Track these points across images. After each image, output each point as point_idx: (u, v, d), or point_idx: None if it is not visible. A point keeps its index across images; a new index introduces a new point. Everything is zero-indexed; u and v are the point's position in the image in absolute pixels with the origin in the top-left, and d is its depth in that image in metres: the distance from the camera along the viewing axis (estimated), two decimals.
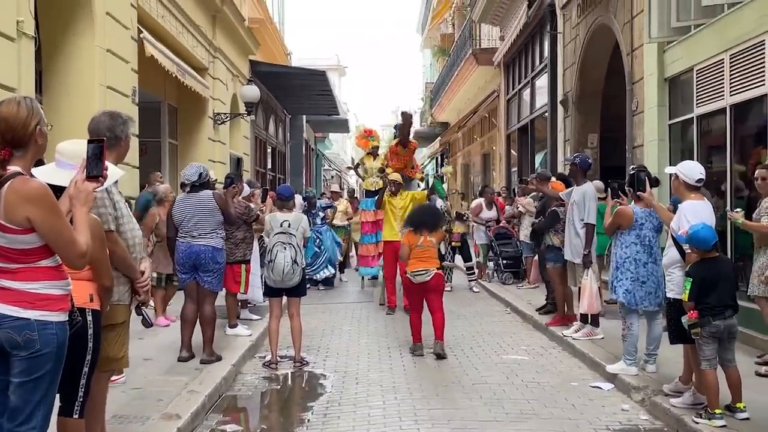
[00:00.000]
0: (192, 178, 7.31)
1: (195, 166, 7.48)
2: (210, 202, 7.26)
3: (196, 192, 7.29)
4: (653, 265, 6.56)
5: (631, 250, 6.62)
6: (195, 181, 7.30)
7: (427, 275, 7.93)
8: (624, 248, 6.66)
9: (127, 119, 4.25)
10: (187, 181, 7.38)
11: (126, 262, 4.02)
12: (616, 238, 6.79)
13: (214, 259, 7.20)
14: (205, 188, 7.39)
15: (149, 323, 4.27)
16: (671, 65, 10.06)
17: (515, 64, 20.82)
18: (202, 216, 7.21)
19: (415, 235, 8.10)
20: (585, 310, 8.11)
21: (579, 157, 8.69)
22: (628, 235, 6.64)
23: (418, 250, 8.02)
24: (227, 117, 15.64)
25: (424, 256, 8.00)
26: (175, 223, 7.29)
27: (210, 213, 7.24)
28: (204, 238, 7.18)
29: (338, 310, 11.37)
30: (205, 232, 7.19)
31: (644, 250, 6.59)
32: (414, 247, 8.03)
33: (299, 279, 7.30)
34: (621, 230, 6.70)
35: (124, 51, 10.04)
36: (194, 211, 7.21)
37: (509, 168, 21.82)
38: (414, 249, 8.02)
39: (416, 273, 7.95)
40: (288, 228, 7.34)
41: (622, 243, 6.68)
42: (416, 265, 7.97)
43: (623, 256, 6.65)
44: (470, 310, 11.29)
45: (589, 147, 14.26)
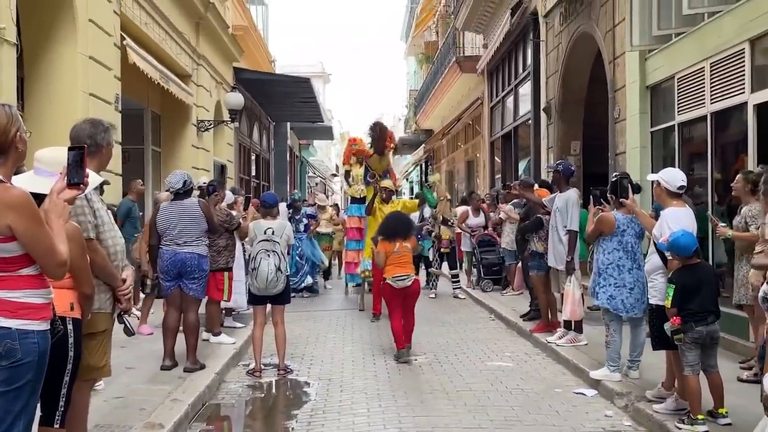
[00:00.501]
0: (176, 186, 7.28)
1: (179, 174, 7.45)
2: (195, 210, 7.24)
3: (180, 199, 7.26)
4: (638, 271, 6.60)
5: (614, 256, 6.65)
6: (179, 189, 7.27)
7: (408, 280, 8.12)
8: (606, 254, 6.70)
9: (108, 127, 4.22)
10: (172, 189, 7.36)
11: (107, 271, 3.99)
12: (598, 245, 6.83)
13: (200, 267, 7.17)
14: (189, 196, 7.36)
15: (131, 332, 4.23)
16: (653, 73, 10.15)
17: (499, 71, 20.91)
18: (187, 224, 7.17)
19: (390, 242, 8.23)
20: (568, 317, 8.14)
21: (562, 164, 8.73)
22: (610, 241, 6.68)
23: (395, 256, 8.18)
24: (211, 124, 15.61)
25: (402, 262, 8.17)
26: (159, 231, 7.25)
27: (195, 221, 7.21)
28: (189, 245, 7.14)
29: (323, 317, 11.34)
30: (191, 239, 7.16)
31: (627, 256, 6.63)
32: (390, 253, 8.18)
33: (283, 286, 7.28)
34: (603, 236, 6.74)
35: (107, 58, 9.99)
36: (179, 219, 7.17)
37: (493, 175, 21.90)
38: (390, 255, 8.18)
39: (398, 278, 8.10)
40: (272, 235, 7.32)
41: (605, 249, 6.71)
42: (396, 270, 8.13)
43: (605, 262, 6.69)
44: (454, 317, 11.30)
45: (572, 154, 14.34)
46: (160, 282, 7.43)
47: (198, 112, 15.12)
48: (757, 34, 7.50)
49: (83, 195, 3.84)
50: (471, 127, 26.33)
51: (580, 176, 14.14)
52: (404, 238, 8.32)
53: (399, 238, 8.26)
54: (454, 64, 22.97)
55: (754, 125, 7.59)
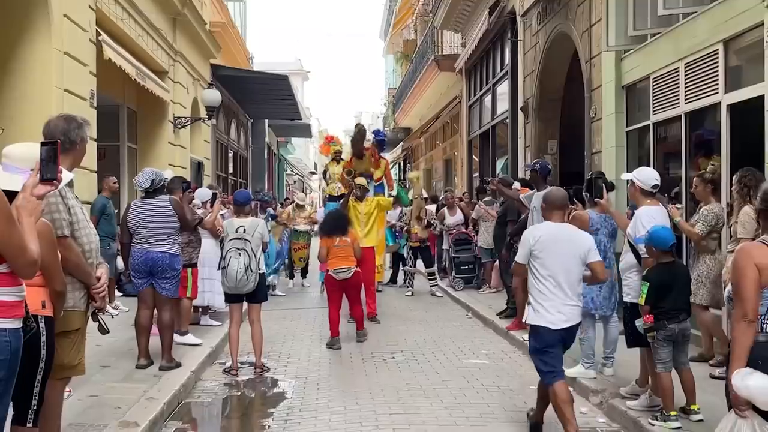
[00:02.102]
0: (144, 185, 7.23)
1: (147, 172, 7.38)
2: (166, 208, 7.19)
3: (151, 197, 7.22)
4: (607, 269, 6.65)
5: None
6: (148, 188, 7.22)
7: (349, 272, 8.78)
8: None
9: (82, 122, 4.19)
10: (140, 188, 7.32)
11: (81, 268, 3.96)
12: None
13: (172, 266, 7.13)
14: (161, 193, 7.31)
15: (106, 330, 4.21)
16: (628, 73, 10.23)
17: (477, 70, 20.98)
18: (158, 222, 7.14)
19: (330, 238, 8.93)
20: None
21: (539, 164, 8.79)
22: None
23: (335, 249, 8.86)
24: (188, 121, 15.50)
25: (342, 255, 8.84)
26: (129, 229, 7.21)
27: (166, 219, 7.17)
28: (160, 244, 7.10)
29: (299, 315, 11.33)
30: (162, 238, 7.12)
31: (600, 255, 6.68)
32: (331, 247, 8.86)
33: (254, 285, 7.25)
34: None
35: (82, 53, 9.90)
36: (150, 217, 7.14)
37: (471, 173, 21.96)
38: (332, 249, 8.86)
39: (338, 270, 8.77)
40: (243, 233, 7.30)
41: None
42: (336, 263, 8.80)
43: None
44: (431, 314, 11.34)
45: (549, 153, 14.42)
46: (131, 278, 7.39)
47: (175, 108, 15.01)
48: (731, 35, 7.60)
49: (57, 192, 3.81)
50: (449, 125, 26.40)
51: (557, 175, 14.21)
52: (343, 233, 8.96)
53: (338, 233, 8.92)
54: (433, 62, 23.01)
55: (727, 125, 7.68)
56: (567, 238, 5.16)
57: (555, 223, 5.26)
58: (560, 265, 5.05)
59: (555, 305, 5.03)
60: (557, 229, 5.21)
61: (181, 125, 15.16)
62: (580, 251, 5.12)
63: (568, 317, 5.07)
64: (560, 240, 5.12)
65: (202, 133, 17.75)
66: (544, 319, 5.05)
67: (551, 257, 5.06)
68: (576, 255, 5.10)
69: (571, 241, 5.15)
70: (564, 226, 5.33)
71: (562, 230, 5.22)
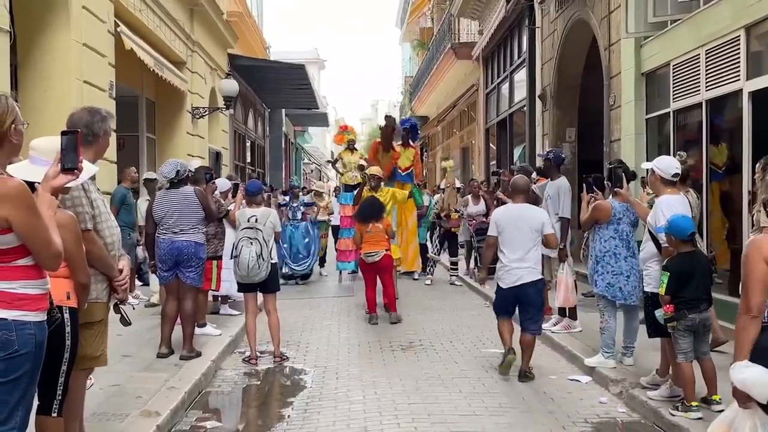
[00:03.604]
0: (170, 176, 7.28)
1: (172, 163, 7.43)
2: (192, 198, 7.25)
3: (176, 188, 7.26)
4: (632, 259, 6.64)
5: (610, 244, 6.69)
6: (173, 178, 7.27)
7: (377, 256, 9.49)
8: (603, 242, 6.72)
9: (106, 115, 4.20)
10: (165, 179, 7.35)
11: (104, 261, 3.99)
12: (594, 233, 6.85)
13: (197, 255, 7.19)
14: (185, 184, 7.36)
15: (128, 322, 4.24)
16: (648, 60, 10.14)
17: (494, 58, 20.88)
18: (183, 212, 7.19)
19: (365, 225, 9.61)
20: (561, 304, 8.18)
21: (552, 152, 8.78)
22: (606, 229, 6.71)
23: (368, 235, 9.54)
24: (206, 111, 15.55)
25: (373, 240, 9.54)
26: (155, 219, 7.26)
27: (191, 209, 7.22)
28: (186, 233, 7.16)
29: (318, 304, 11.37)
30: (187, 228, 7.17)
31: (622, 244, 6.67)
32: (365, 233, 9.56)
33: (266, 274, 7.29)
34: (599, 224, 6.77)
35: (101, 45, 9.94)
36: (175, 207, 7.19)
37: (488, 162, 21.90)
38: (365, 234, 9.55)
39: (368, 254, 9.52)
40: (255, 223, 7.36)
41: (601, 237, 6.74)
42: (367, 248, 9.54)
43: (602, 251, 6.72)
44: (449, 303, 11.34)
45: (567, 141, 14.35)
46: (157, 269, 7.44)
47: (193, 98, 15.05)
48: (753, 21, 7.50)
49: (80, 185, 3.83)
50: (466, 113, 26.31)
51: (576, 163, 14.17)
52: (377, 219, 9.64)
53: (372, 219, 9.59)
54: (450, 50, 22.92)
55: (749, 112, 7.60)
56: (525, 215, 6.78)
57: (517, 204, 6.94)
58: (519, 237, 6.68)
59: (509, 270, 6.69)
60: (518, 209, 6.88)
61: (199, 115, 15.21)
62: (535, 225, 6.71)
63: (520, 276, 6.66)
64: (519, 217, 6.76)
65: (219, 123, 17.80)
66: (500, 279, 6.81)
67: (510, 231, 6.71)
68: (532, 229, 6.69)
69: (528, 218, 6.75)
70: (524, 206, 6.93)
71: (522, 210, 6.86)
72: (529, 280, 6.67)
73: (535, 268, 6.70)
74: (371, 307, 9.68)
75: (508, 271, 6.70)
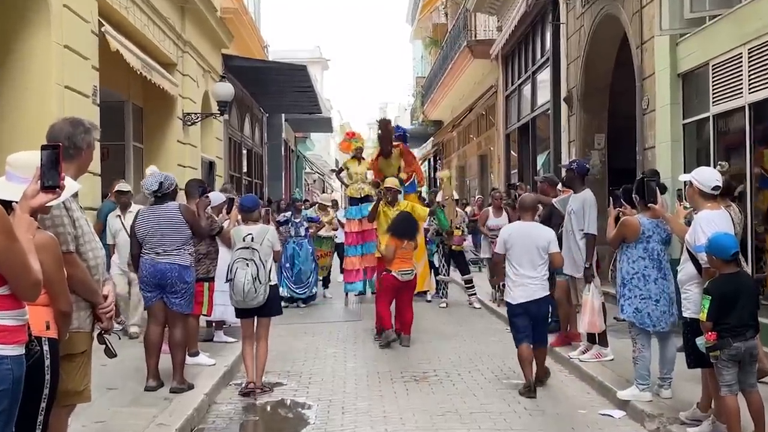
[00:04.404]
0: (152, 188, 7.28)
1: (155, 174, 7.48)
2: (175, 216, 7.24)
3: (159, 203, 7.28)
4: (663, 281, 6.62)
5: (639, 265, 6.67)
6: (156, 191, 7.28)
7: (411, 275, 9.98)
8: (631, 263, 6.71)
9: (90, 126, 4.23)
10: (147, 192, 7.37)
11: (87, 286, 4.00)
12: (621, 252, 6.84)
13: (182, 279, 7.18)
14: (170, 199, 7.37)
15: (113, 353, 4.25)
16: (685, 60, 10.13)
17: (515, 57, 20.90)
18: (166, 231, 7.18)
19: (400, 241, 9.82)
20: (587, 329, 8.14)
21: (576, 162, 8.79)
22: (635, 248, 6.70)
23: (402, 251, 9.84)
24: (198, 117, 15.61)
25: (406, 257, 9.95)
26: (138, 239, 7.27)
27: (175, 227, 7.22)
28: (169, 255, 7.16)
29: (322, 330, 11.36)
30: (171, 248, 7.17)
31: (653, 265, 6.65)
32: (399, 248, 9.78)
33: (263, 298, 7.29)
34: (627, 243, 6.75)
35: (84, 47, 10.01)
36: (158, 225, 7.19)
37: (509, 170, 21.90)
38: (399, 251, 9.78)
39: (403, 272, 9.84)
40: (251, 242, 7.37)
41: (629, 257, 6.73)
42: (401, 264, 9.85)
43: (630, 272, 6.70)
44: (467, 328, 11.33)
45: (596, 148, 14.33)
46: None
47: (184, 103, 15.13)
48: None
49: (61, 203, 3.85)
50: (484, 117, 26.33)
51: (605, 173, 14.16)
52: (411, 239, 10.08)
53: (407, 238, 9.94)
54: (465, 48, 22.96)
55: None
56: (532, 234, 7.54)
57: (525, 222, 7.68)
58: (526, 255, 7.41)
59: (519, 286, 7.43)
60: (526, 227, 7.63)
61: (190, 122, 15.28)
62: (542, 244, 7.45)
63: (529, 294, 7.40)
64: (526, 235, 7.49)
65: (213, 129, 17.87)
66: (509, 296, 7.56)
67: (519, 249, 7.44)
68: (539, 247, 7.43)
69: (535, 236, 7.50)
70: (532, 224, 7.76)
71: (530, 228, 7.64)
72: (539, 296, 7.49)
73: (543, 285, 7.54)
74: (386, 323, 9.88)
75: (518, 286, 7.47)
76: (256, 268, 7.24)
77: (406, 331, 10.01)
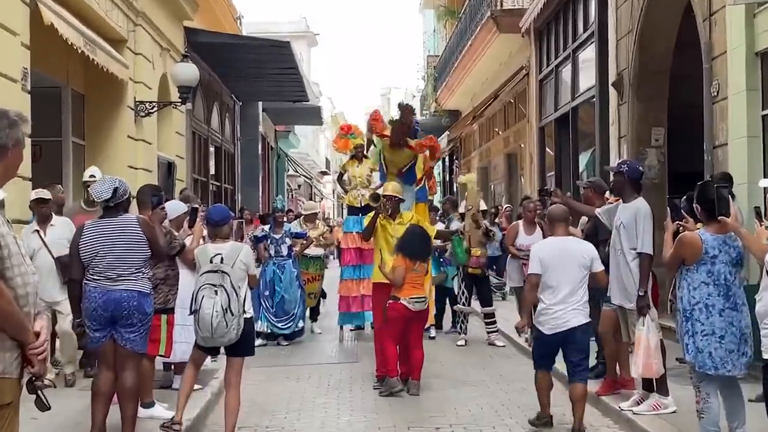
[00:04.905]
0: (104, 196, 7.27)
1: (108, 180, 7.45)
2: (133, 231, 7.24)
3: (111, 215, 7.29)
4: (732, 312, 6.61)
5: (701, 292, 6.67)
6: (109, 200, 7.28)
7: (425, 303, 10.05)
8: (692, 290, 6.71)
9: (16, 119, 4.22)
10: (98, 200, 7.37)
11: (13, 320, 3.98)
12: (681, 277, 6.83)
13: (141, 309, 7.19)
14: (124, 210, 7.38)
15: (46, 405, 4.23)
16: (764, 35, 10.15)
17: (550, 31, 20.96)
18: (122, 250, 7.18)
19: (411, 261, 9.84)
20: (642, 373, 8.12)
21: (627, 164, 8.72)
22: (697, 272, 6.70)
23: (413, 275, 9.83)
24: (154, 107, 15.65)
25: (418, 282, 9.95)
26: (82, 260, 7.27)
27: (133, 246, 7.22)
28: (125, 280, 7.16)
29: (308, 374, 11.36)
30: (126, 272, 7.17)
31: (718, 293, 6.65)
32: (410, 271, 9.79)
33: (236, 334, 7.30)
34: (687, 266, 6.74)
35: (11, 19, 10.04)
36: (111, 244, 7.18)
37: (543, 173, 21.92)
38: (410, 274, 9.79)
39: (415, 300, 9.83)
40: (220, 264, 7.38)
41: (689, 283, 6.73)
42: (412, 291, 9.85)
43: (691, 302, 6.70)
44: (491, 372, 11.32)
45: (653, 145, 14.34)
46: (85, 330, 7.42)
47: (136, 90, 15.16)
48: None
49: None
50: (512, 107, 26.37)
51: (664, 177, 14.16)
52: (424, 258, 10.12)
53: (420, 258, 9.94)
54: (489, 20, 23.02)
55: None
56: (571, 250, 7.89)
57: (559, 237, 8.01)
58: (564, 275, 7.74)
59: (555, 313, 7.75)
60: (561, 242, 7.96)
61: (144, 112, 15.31)
62: (583, 261, 7.82)
63: (567, 320, 7.75)
64: (565, 253, 7.82)
65: (173, 122, 17.90)
66: (543, 325, 7.86)
67: (556, 269, 7.75)
68: (580, 265, 7.80)
69: (574, 252, 7.87)
70: (568, 239, 8.11)
71: (566, 243, 7.99)
72: (576, 324, 7.79)
73: (582, 310, 7.85)
74: (392, 368, 9.85)
75: (552, 314, 7.79)
76: (227, 296, 7.23)
77: (416, 375, 9.97)
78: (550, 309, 7.79)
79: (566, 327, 7.74)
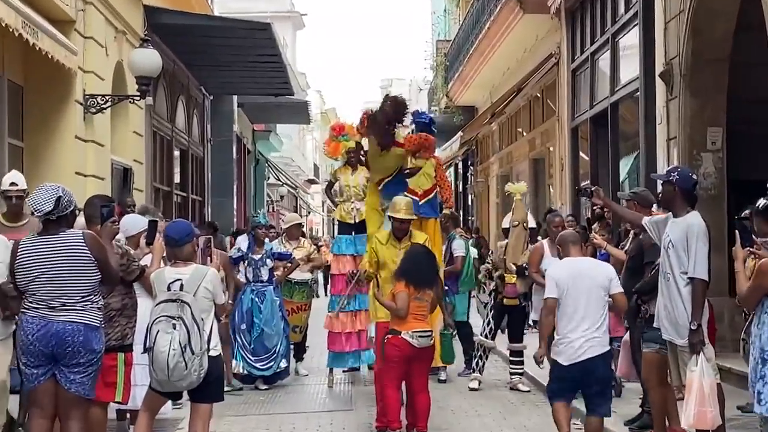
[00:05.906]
0: (44, 207, 7.26)
1: (49, 188, 7.43)
2: (79, 250, 7.24)
3: (52, 232, 7.28)
4: None
5: None
6: (51, 212, 7.27)
7: (431, 339, 10.02)
8: None
9: None
10: (37, 213, 7.36)
11: None
12: (759, 314, 6.80)
13: (88, 345, 7.18)
14: (68, 225, 7.38)
15: None
16: None
17: (585, 11, 21.01)
18: (65, 273, 7.19)
19: (416, 289, 9.79)
20: (695, 424, 8.07)
21: (678, 172, 8.66)
22: None
23: (416, 304, 9.78)
24: (107, 101, 15.66)
25: (421, 313, 9.87)
26: (18, 286, 7.25)
27: (79, 268, 7.23)
28: (70, 310, 7.16)
29: (294, 425, 11.33)
30: (71, 300, 7.17)
31: None
32: (413, 299, 9.73)
33: (197, 377, 7.30)
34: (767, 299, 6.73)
35: None
36: (52, 265, 7.19)
37: (576, 181, 21.87)
38: (413, 303, 9.73)
39: (420, 334, 9.72)
40: (179, 292, 7.38)
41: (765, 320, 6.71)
42: (415, 324, 9.74)
43: None
44: (514, 423, 11.29)
45: (709, 149, 14.32)
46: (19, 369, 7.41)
47: (86, 80, 15.16)
48: None
49: None
50: (539, 102, 26.41)
51: (723, 186, 14.12)
52: (430, 286, 9.97)
53: (425, 286, 9.84)
54: None
55: None
56: (590, 271, 8.52)
57: (576, 257, 8.65)
58: (581, 299, 8.30)
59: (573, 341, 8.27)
60: (577, 263, 8.60)
61: (96, 108, 15.31)
62: (602, 282, 8.41)
63: (585, 350, 8.25)
64: (582, 273, 8.41)
65: (130, 120, 17.90)
66: (560, 355, 8.36)
67: (572, 292, 8.31)
68: (599, 286, 8.38)
69: (592, 273, 8.48)
70: (584, 259, 8.94)
71: (583, 263, 8.68)
72: (596, 353, 8.30)
73: (602, 338, 8.38)
74: (393, 416, 9.77)
75: (569, 343, 8.31)
76: (187, 331, 7.22)
77: (422, 424, 9.82)
78: (566, 338, 8.29)
79: (585, 357, 8.21)
